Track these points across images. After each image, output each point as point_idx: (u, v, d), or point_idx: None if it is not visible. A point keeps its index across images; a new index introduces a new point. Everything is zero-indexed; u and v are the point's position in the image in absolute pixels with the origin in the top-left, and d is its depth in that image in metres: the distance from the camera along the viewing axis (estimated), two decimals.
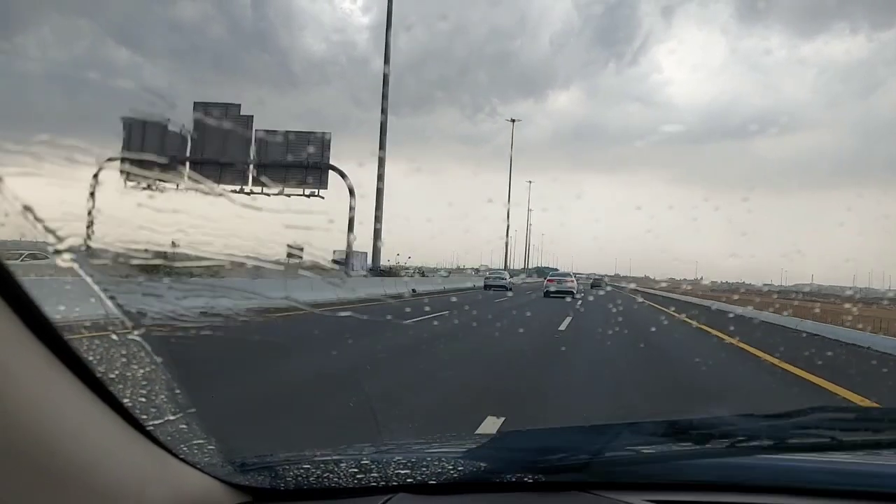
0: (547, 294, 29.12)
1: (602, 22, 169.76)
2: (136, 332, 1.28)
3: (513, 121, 62.70)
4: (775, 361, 9.68)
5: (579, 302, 24.84)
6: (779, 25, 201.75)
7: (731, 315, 20.29)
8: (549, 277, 33.70)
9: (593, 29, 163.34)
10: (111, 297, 1.12)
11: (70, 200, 0.99)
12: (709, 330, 15.51)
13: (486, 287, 36.59)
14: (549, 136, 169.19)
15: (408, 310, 15.92)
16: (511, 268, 74.83)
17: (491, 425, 4.67)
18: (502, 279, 38.74)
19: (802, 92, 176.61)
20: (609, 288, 44.02)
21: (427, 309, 15.83)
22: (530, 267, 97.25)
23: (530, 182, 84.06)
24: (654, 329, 15.68)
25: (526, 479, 1.26)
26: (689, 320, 18.33)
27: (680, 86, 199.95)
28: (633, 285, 60.90)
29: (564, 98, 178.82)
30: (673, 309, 24.72)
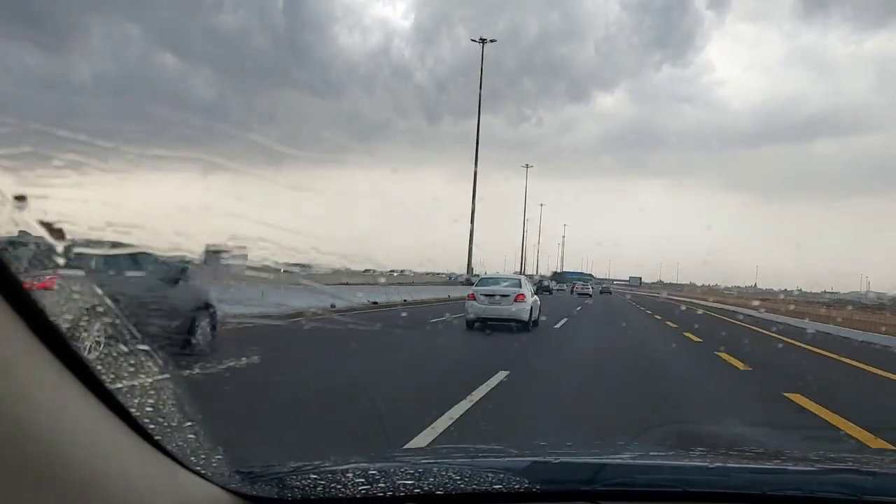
0: (577, 295, 49.95)
1: (652, 21, 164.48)
2: (144, 343, 1.28)
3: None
4: None
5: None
6: (837, 21, 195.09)
7: None
8: (576, 285, 59.09)
9: (643, 29, 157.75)
10: (120, 308, 1.13)
11: (115, 204, 0.99)
12: None
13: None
14: (596, 140, 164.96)
15: None
16: (529, 273, 72.99)
17: None
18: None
19: (863, 91, 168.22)
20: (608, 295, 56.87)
21: None
22: (544, 273, 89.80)
23: (528, 166, 73.47)
24: None
25: (533, 489, 1.26)
26: None
27: (733, 86, 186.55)
28: (627, 294, 61.41)
29: (612, 102, 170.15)
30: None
